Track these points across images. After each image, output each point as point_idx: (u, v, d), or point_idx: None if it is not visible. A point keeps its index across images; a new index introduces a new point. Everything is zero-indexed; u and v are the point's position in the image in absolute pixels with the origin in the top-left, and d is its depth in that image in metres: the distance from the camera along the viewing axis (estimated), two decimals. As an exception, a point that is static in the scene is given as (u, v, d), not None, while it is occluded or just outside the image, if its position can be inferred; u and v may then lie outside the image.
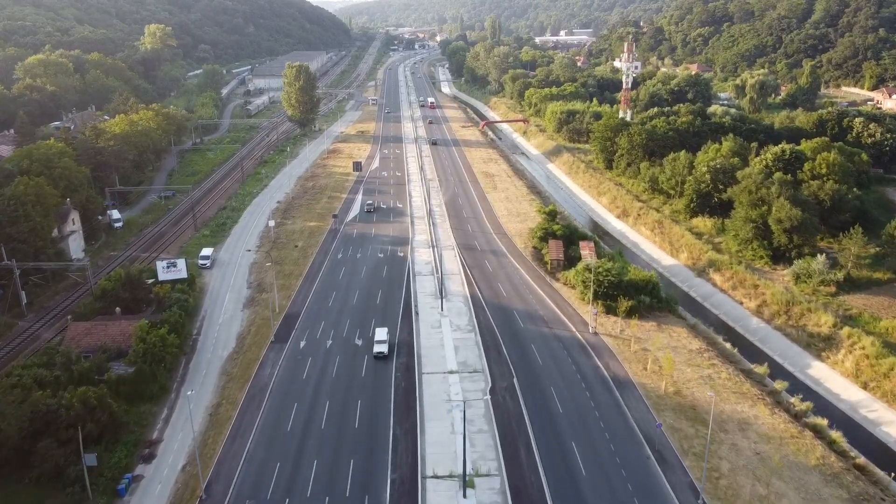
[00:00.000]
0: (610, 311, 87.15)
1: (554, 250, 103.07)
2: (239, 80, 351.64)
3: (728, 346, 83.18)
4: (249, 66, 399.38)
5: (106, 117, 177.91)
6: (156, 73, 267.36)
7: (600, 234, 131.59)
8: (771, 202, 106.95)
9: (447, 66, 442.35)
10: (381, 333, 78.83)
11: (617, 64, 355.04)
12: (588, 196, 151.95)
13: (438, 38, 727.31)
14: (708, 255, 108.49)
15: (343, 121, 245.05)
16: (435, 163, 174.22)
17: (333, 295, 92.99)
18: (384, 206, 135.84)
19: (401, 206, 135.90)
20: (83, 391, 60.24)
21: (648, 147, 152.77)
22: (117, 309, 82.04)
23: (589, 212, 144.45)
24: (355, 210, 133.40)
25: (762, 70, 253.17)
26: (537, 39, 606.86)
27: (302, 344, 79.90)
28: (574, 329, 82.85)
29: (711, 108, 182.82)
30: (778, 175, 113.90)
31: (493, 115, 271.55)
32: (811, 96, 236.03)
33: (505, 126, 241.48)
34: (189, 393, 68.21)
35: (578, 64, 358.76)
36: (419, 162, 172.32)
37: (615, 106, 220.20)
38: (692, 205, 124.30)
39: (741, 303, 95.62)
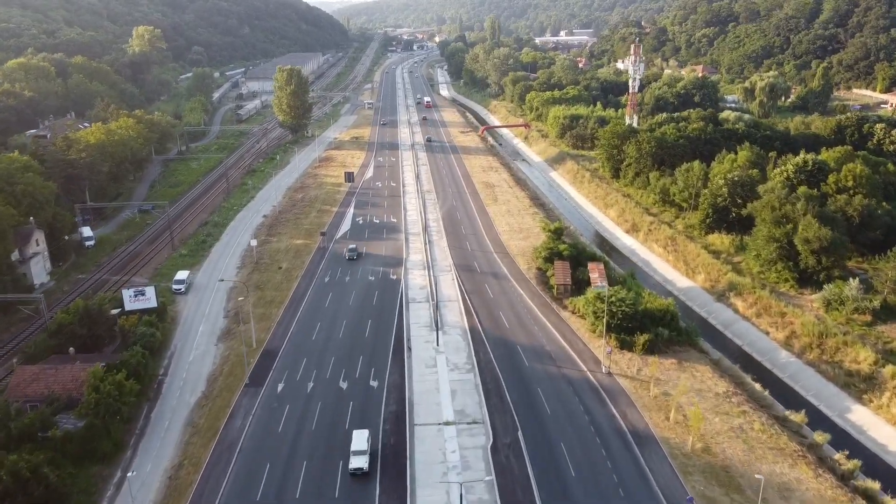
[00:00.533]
0: (624, 345, 78.27)
1: (560, 274, 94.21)
2: (232, 83, 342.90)
3: (758, 387, 74.27)
4: (243, 69, 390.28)
5: (86, 124, 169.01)
6: (144, 76, 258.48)
7: (608, 249, 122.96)
8: (796, 220, 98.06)
9: (446, 67, 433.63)
10: (360, 440, 58.65)
11: (620, 65, 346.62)
12: (594, 208, 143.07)
13: (437, 39, 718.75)
14: (728, 277, 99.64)
15: (337, 126, 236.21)
16: (432, 171, 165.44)
17: (318, 326, 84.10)
18: (377, 221, 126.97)
19: (395, 220, 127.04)
20: (14, 460, 51.36)
21: (658, 156, 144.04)
22: (71, 349, 73.06)
23: (595, 225, 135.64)
24: (346, 225, 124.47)
25: (772, 72, 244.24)
26: (537, 40, 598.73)
27: (280, 387, 71.05)
28: (585, 368, 74.00)
29: (724, 114, 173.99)
30: (802, 189, 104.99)
31: (492, 119, 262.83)
32: (823, 99, 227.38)
33: (505, 131, 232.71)
34: (130, 474, 58.42)
35: (580, 65, 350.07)
36: (415, 170, 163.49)
37: (620, 110, 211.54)
38: (708, 220, 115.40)
39: (767, 333, 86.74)
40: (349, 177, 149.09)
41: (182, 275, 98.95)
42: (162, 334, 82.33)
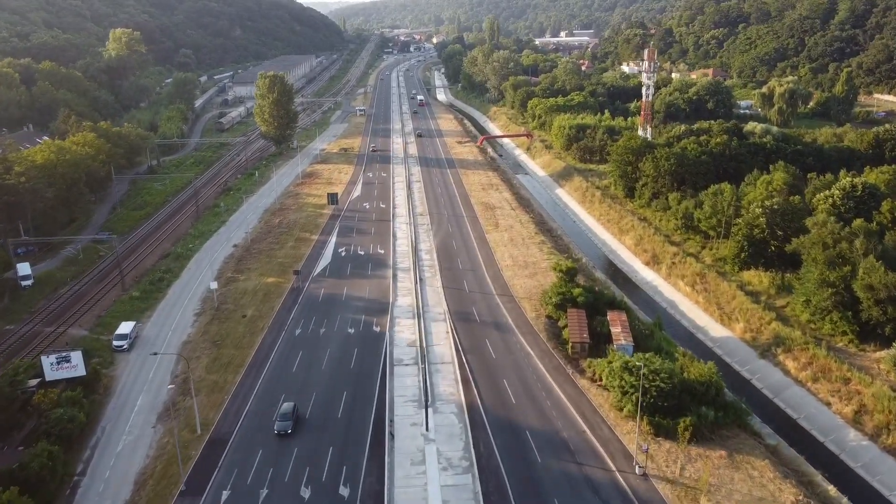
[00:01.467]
0: (659, 430, 62.83)
1: (576, 329, 78.65)
2: (219, 88, 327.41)
3: (831, 490, 58.85)
4: (231, 72, 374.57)
5: (45, 138, 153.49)
6: (121, 82, 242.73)
7: (622, 280, 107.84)
8: (855, 260, 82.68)
9: (443, 70, 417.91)
10: None
11: (625, 69, 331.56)
12: (607, 233, 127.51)
13: (435, 40, 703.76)
14: (772, 328, 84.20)
15: (326, 135, 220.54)
16: (426, 189, 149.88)
17: (282, 400, 68.51)
18: (362, 253, 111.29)
19: (382, 252, 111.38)
20: None
21: (677, 174, 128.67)
22: (-45, 449, 57.62)
23: (609, 254, 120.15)
24: (326, 259, 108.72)
25: (790, 77, 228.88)
26: (537, 41, 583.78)
27: (224, 496, 55.57)
28: (613, 466, 58.53)
29: (748, 126, 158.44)
30: (859, 223, 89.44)
31: (492, 126, 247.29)
32: (847, 107, 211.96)
33: (506, 141, 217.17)
34: None
35: (583, 68, 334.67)
36: (408, 189, 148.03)
37: (630, 119, 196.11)
38: (743, 254, 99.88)
39: (829, 404, 71.29)
40: (333, 198, 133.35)
41: (125, 328, 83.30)
42: (87, 414, 66.73)
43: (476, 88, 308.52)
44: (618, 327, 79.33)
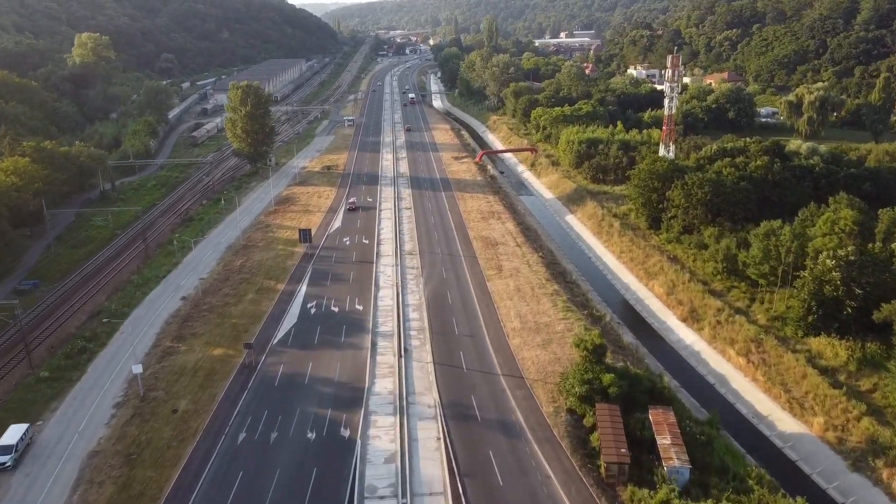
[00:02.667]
0: None
1: (610, 439, 58.47)
2: (200, 95, 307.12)
3: None
4: (214, 78, 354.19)
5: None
6: (87, 91, 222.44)
7: (647, 334, 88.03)
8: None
9: (439, 74, 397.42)
10: None
11: (633, 72, 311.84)
12: (630, 275, 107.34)
13: (432, 42, 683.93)
14: (863, 426, 64.19)
15: (310, 149, 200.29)
16: (417, 218, 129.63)
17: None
18: (335, 310, 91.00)
19: (360, 308, 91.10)
20: None
21: (713, 204, 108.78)
22: None
23: (635, 302, 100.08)
24: (290, 319, 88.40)
25: (820, 83, 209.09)
26: (537, 42, 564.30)
27: None
28: None
29: (791, 144, 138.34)
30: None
31: (491, 138, 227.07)
32: (883, 115, 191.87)
33: (508, 155, 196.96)
34: None
35: (587, 72, 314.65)
36: (396, 219, 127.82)
37: (645, 132, 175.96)
38: (811, 317, 79.71)
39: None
40: (305, 236, 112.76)
41: (12, 435, 62.91)
42: None
43: (474, 95, 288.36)
44: (666, 436, 59.22)
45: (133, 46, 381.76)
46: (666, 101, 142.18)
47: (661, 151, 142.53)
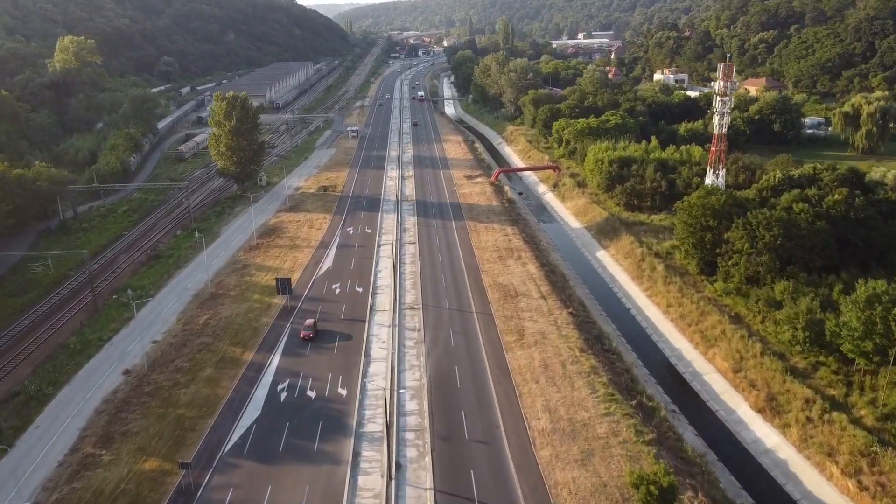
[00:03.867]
0: None
1: None
2: (198, 102, 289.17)
3: None
4: (214, 83, 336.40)
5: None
6: (69, 100, 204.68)
7: (713, 427, 68.08)
8: None
9: (452, 78, 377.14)
10: None
11: (659, 77, 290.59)
12: (683, 339, 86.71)
13: (445, 43, 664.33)
14: None
15: (307, 165, 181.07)
16: (422, 258, 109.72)
17: None
18: (311, 395, 71.19)
19: (344, 394, 71.21)
20: None
21: (784, 249, 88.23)
22: None
23: (688, 373, 79.70)
24: (252, 411, 68.63)
25: (880, 93, 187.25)
26: (554, 44, 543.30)
27: None
28: None
29: (872, 172, 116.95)
30: None
31: (508, 151, 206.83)
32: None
33: (528, 173, 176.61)
34: None
35: (609, 76, 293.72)
36: (397, 258, 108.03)
37: (683, 148, 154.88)
38: (946, 426, 59.03)
39: None
40: (283, 286, 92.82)
41: None
42: None
43: (489, 102, 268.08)
44: None
45: (133, 49, 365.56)
46: (716, 119, 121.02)
47: (709, 177, 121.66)
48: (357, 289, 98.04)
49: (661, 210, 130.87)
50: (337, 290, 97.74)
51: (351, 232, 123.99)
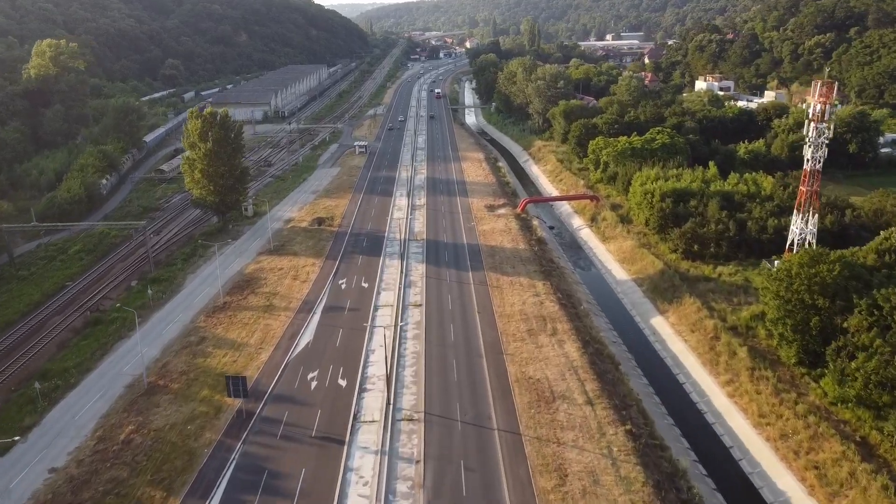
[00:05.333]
0: None
1: None
2: (200, 108, 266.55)
3: None
4: (218, 88, 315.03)
5: None
6: (46, 110, 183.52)
7: None
8: None
9: (474, 83, 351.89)
10: None
11: (702, 85, 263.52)
12: (788, 475, 61.27)
13: (468, 45, 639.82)
14: None
15: (304, 189, 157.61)
16: (428, 329, 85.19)
17: None
18: None
19: None
20: None
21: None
22: None
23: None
24: None
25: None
26: (582, 45, 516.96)
27: None
28: None
29: None
30: None
31: (535, 169, 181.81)
32: None
33: (561, 202, 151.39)
34: None
35: (646, 82, 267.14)
36: (397, 331, 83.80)
37: (748, 176, 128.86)
38: None
39: None
40: (237, 387, 68.49)
41: None
42: None
43: (514, 111, 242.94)
44: None
45: (137, 51, 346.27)
46: (808, 151, 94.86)
47: (796, 224, 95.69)
48: (340, 381, 73.80)
49: (729, 260, 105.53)
50: (313, 384, 73.58)
51: (343, 286, 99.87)
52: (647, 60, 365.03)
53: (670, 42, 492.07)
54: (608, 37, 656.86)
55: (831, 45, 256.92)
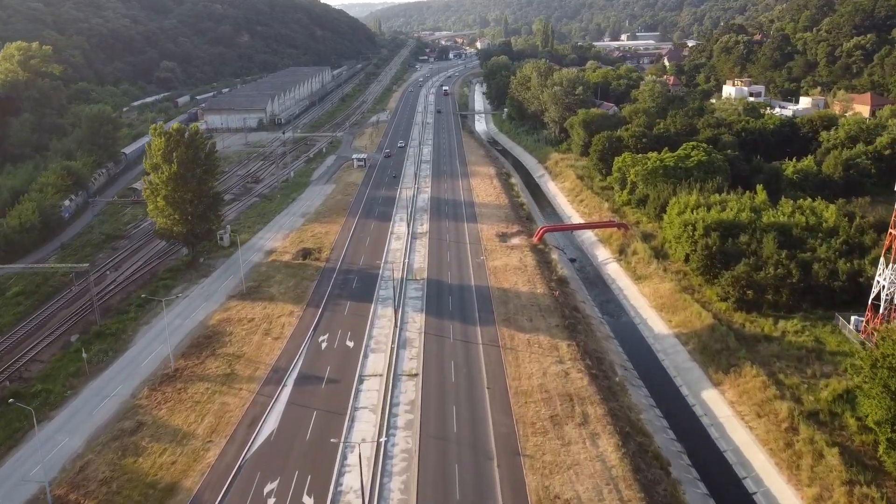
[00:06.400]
0: None
1: None
2: (190, 116, 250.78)
3: None
4: (213, 92, 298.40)
5: None
6: (13, 119, 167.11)
7: None
8: None
9: (485, 87, 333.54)
10: None
11: (730, 90, 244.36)
12: None
13: (479, 45, 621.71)
14: None
15: (292, 211, 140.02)
16: (424, 417, 67.14)
17: None
18: None
19: None
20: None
21: None
22: None
23: None
24: None
25: None
26: (596, 45, 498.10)
27: None
28: None
29: None
30: None
31: (552, 186, 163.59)
32: None
33: (585, 229, 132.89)
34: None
35: (670, 85, 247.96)
36: (384, 416, 66.02)
37: (803, 203, 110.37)
38: None
39: None
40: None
41: None
42: None
43: (528, 119, 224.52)
44: None
45: (132, 53, 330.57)
46: (903, 186, 76.28)
47: (883, 276, 76.96)
48: (306, 500, 55.97)
49: (792, 311, 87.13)
50: (271, 503, 55.81)
51: (324, 345, 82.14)
52: (666, 62, 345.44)
53: (690, 43, 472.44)
54: (623, 37, 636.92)
55: (872, 48, 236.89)
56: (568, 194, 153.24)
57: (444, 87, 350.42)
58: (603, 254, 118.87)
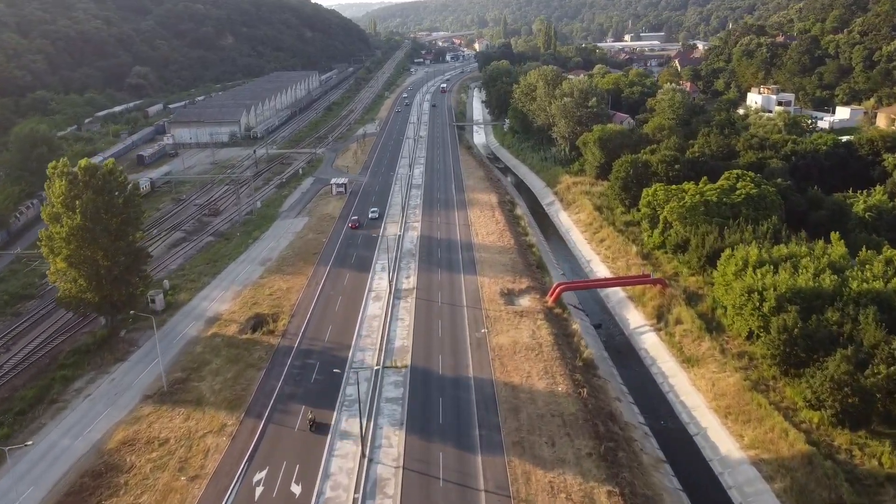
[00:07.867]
0: None
1: None
2: (157, 129, 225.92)
3: None
4: (184, 102, 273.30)
5: None
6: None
7: None
8: None
9: (484, 95, 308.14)
10: None
11: (755, 98, 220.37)
12: None
13: (477, 46, 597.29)
14: None
15: (249, 259, 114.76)
16: None
17: None
18: None
19: None
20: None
21: None
22: None
23: None
24: None
25: None
26: (600, 46, 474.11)
27: None
28: None
29: None
30: None
31: (565, 219, 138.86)
32: None
33: (612, 286, 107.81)
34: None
35: (689, 92, 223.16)
36: None
37: (872, 252, 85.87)
38: None
39: None
40: None
41: None
42: None
43: (533, 133, 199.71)
44: None
45: (102, 57, 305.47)
46: None
47: None
48: None
49: (913, 428, 62.58)
50: None
51: (260, 491, 57.39)
52: (678, 66, 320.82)
53: (699, 44, 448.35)
54: (627, 37, 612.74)
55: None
56: (585, 229, 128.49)
57: (441, 85, 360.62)
58: (636, 318, 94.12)
